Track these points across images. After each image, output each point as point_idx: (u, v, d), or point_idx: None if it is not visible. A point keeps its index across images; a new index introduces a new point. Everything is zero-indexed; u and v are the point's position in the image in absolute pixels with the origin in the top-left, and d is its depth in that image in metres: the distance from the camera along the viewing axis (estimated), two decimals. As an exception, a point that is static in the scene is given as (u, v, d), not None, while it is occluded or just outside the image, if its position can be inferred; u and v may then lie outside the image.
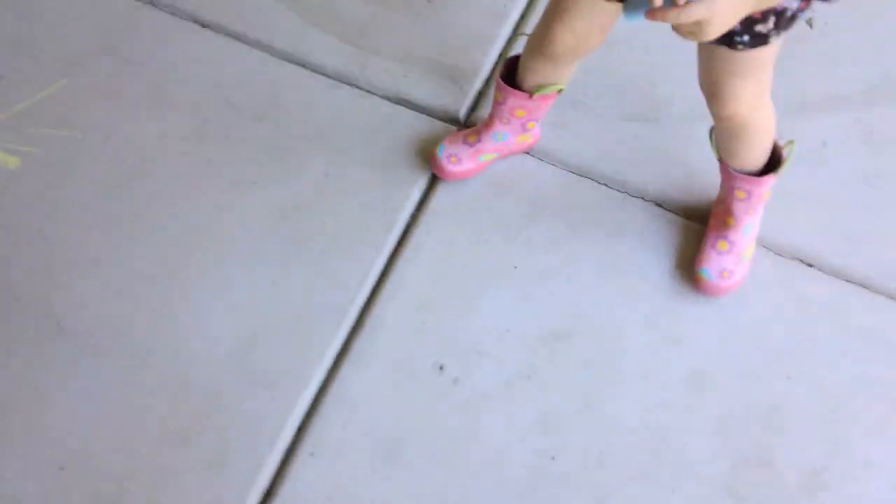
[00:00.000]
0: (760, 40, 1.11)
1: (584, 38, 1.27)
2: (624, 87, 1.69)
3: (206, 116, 1.62)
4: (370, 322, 1.44)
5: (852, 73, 1.70)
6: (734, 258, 1.46)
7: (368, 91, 1.66)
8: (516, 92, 1.43)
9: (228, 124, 1.61)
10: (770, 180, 1.39)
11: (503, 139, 1.53)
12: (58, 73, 1.64)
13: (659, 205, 1.57)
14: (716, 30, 0.94)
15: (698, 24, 0.92)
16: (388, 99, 1.65)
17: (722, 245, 1.46)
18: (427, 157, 1.58)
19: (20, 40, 1.68)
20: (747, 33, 1.10)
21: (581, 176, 1.60)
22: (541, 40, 1.30)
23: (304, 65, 1.69)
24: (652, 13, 0.91)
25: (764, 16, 1.07)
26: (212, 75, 1.66)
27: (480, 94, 1.68)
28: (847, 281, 1.51)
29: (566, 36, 1.26)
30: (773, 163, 1.39)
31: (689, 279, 1.49)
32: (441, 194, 1.56)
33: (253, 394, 1.37)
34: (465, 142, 1.55)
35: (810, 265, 1.52)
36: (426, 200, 1.56)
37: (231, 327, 1.42)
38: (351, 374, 1.40)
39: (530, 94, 1.43)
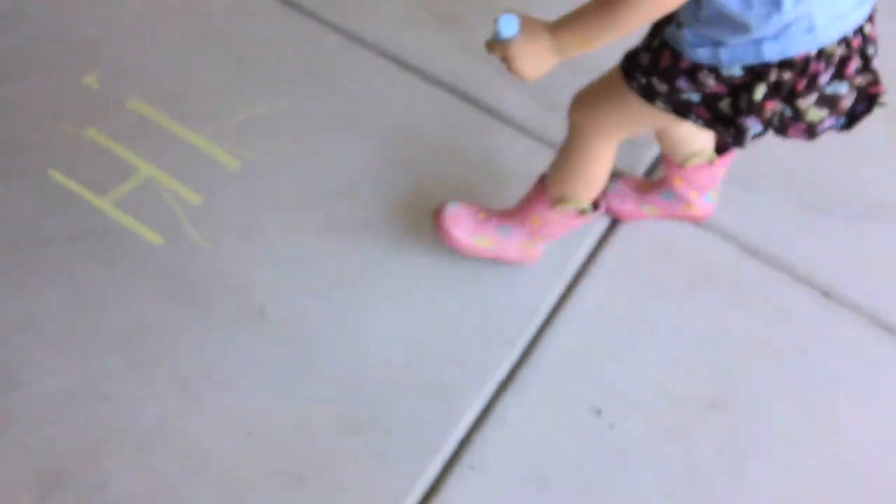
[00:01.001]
0: (651, 95, 1.20)
1: None
2: (800, 176, 1.74)
3: (398, 146, 1.75)
4: (535, 356, 1.51)
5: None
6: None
7: (550, 144, 1.76)
8: (669, 162, 1.54)
9: (417, 156, 1.74)
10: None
11: (667, 199, 1.61)
12: (275, 93, 1.81)
13: (825, 294, 1.60)
14: (518, 69, 1.13)
15: (506, 60, 1.13)
16: (569, 155, 1.75)
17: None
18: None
19: (245, 61, 1.87)
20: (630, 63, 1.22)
21: (747, 253, 1.65)
22: None
23: (492, 112, 1.81)
24: (486, 44, 1.15)
25: (652, 65, 1.18)
26: (408, 109, 1.80)
27: (656, 161, 1.76)
28: None
29: None
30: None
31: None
32: (612, 248, 1.64)
33: (422, 401, 1.45)
34: (635, 187, 1.64)
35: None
36: (597, 252, 1.64)
37: (409, 339, 1.52)
38: (513, 401, 1.46)
39: (682, 164, 1.52)
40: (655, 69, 1.18)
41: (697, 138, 1.48)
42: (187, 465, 1.39)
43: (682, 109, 1.19)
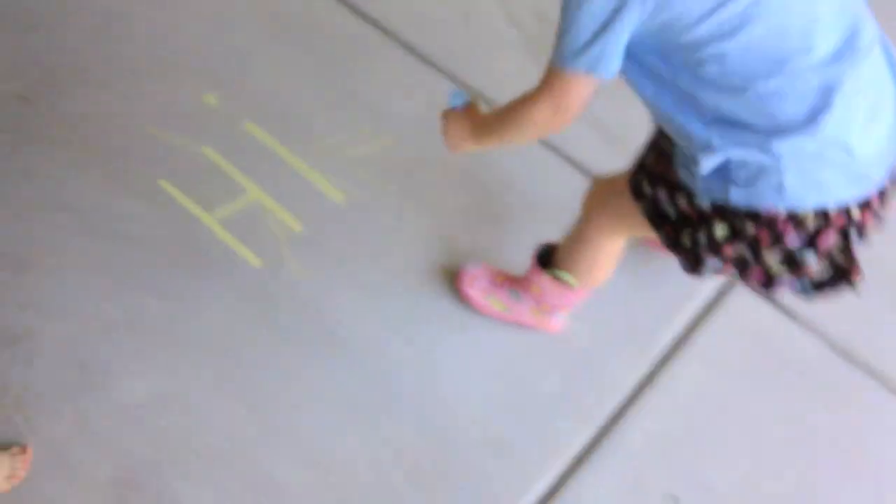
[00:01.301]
0: (638, 193, 1.23)
1: None
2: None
3: (499, 199, 1.76)
4: (614, 434, 1.49)
5: None
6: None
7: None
8: None
9: (517, 211, 1.75)
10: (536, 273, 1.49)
11: None
12: (386, 133, 1.84)
13: (917, 409, 1.56)
14: (445, 137, 1.31)
15: (442, 126, 1.31)
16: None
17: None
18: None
19: (360, 99, 1.90)
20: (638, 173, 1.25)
21: (840, 355, 1.61)
22: None
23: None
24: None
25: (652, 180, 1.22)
26: (512, 164, 1.81)
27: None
28: None
29: None
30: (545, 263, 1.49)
31: None
32: (704, 332, 1.61)
33: (494, 463, 1.45)
34: None
35: None
36: (688, 334, 1.61)
37: (489, 394, 1.52)
38: (587, 477, 1.44)
39: None
40: (651, 172, 1.22)
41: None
42: (255, 489, 1.40)
43: (656, 220, 1.22)
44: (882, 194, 1.11)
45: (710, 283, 1.65)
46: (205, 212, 1.70)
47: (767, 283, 1.17)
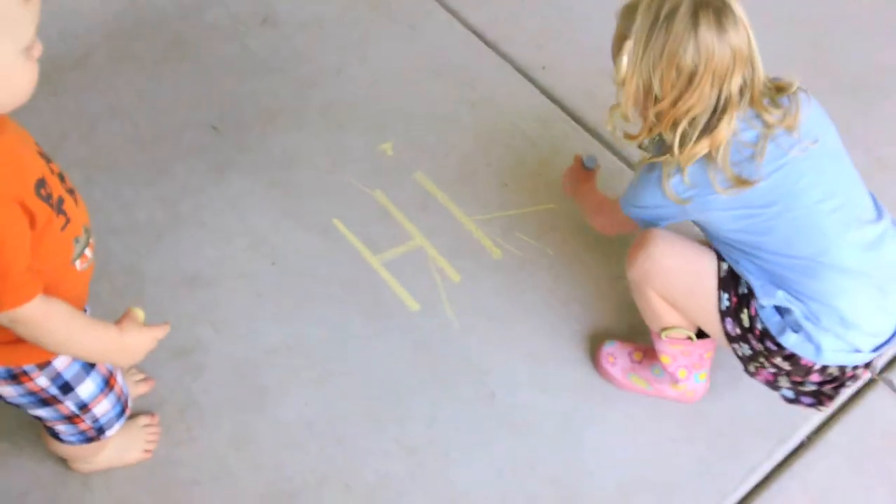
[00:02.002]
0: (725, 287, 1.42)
1: None
2: None
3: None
4: (745, 517, 1.52)
5: None
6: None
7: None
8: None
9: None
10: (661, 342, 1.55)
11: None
12: (549, 198, 1.92)
13: None
14: (563, 182, 1.79)
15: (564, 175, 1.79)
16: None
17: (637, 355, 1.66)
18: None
19: (526, 163, 2.00)
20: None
21: (983, 471, 1.59)
22: None
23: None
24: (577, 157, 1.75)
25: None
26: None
27: None
28: None
29: None
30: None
31: None
32: (841, 428, 1.62)
33: (629, 532, 1.50)
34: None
35: None
36: (825, 428, 1.63)
37: (627, 461, 1.57)
38: (717, 556, 1.48)
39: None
40: (743, 297, 1.40)
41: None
42: (399, 527, 1.49)
43: (729, 281, 1.40)
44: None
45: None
46: (371, 252, 1.82)
47: (772, 386, 1.47)
